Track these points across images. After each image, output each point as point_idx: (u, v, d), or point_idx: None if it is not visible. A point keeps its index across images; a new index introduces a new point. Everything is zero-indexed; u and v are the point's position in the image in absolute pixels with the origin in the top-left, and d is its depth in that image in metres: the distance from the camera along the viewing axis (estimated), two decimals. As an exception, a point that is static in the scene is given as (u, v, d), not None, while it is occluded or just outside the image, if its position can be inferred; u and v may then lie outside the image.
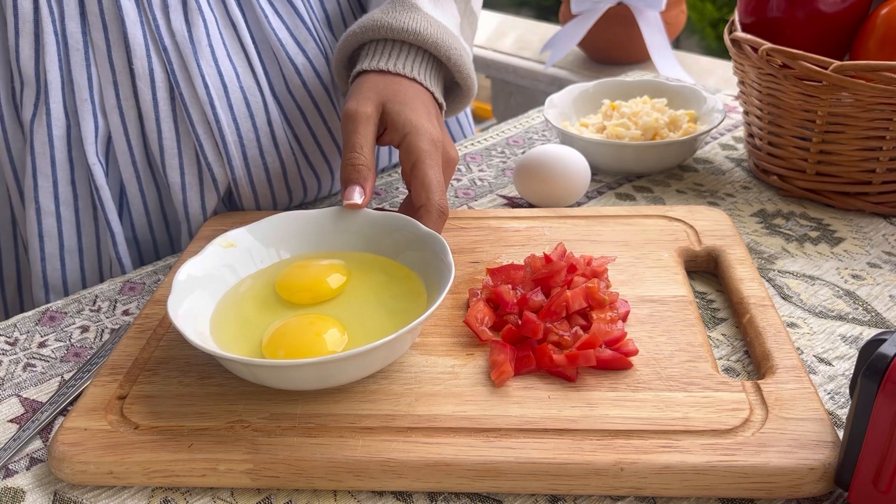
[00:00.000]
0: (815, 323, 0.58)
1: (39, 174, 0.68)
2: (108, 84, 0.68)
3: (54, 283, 0.71)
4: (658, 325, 0.55)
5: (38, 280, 0.71)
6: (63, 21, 0.66)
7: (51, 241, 0.70)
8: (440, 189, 0.60)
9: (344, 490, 0.47)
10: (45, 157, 0.68)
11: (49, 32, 0.65)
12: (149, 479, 0.47)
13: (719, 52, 2.64)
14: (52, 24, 0.65)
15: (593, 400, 0.48)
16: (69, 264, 0.71)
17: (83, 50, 0.67)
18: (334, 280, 0.56)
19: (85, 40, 0.67)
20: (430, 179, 0.59)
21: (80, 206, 0.70)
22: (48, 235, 0.70)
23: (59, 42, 0.66)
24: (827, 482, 0.44)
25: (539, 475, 0.45)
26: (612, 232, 0.65)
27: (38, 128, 0.67)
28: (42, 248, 0.70)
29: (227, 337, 0.52)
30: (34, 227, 0.69)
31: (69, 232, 0.70)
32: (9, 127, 0.69)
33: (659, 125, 0.80)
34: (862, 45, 0.70)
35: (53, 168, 0.68)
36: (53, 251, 0.70)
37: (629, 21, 1.67)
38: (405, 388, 0.50)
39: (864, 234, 0.68)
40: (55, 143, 0.68)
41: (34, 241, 0.70)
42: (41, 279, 0.71)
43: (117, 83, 0.68)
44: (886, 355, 0.39)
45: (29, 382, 0.56)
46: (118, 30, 0.66)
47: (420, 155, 0.60)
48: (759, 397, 0.48)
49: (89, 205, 0.71)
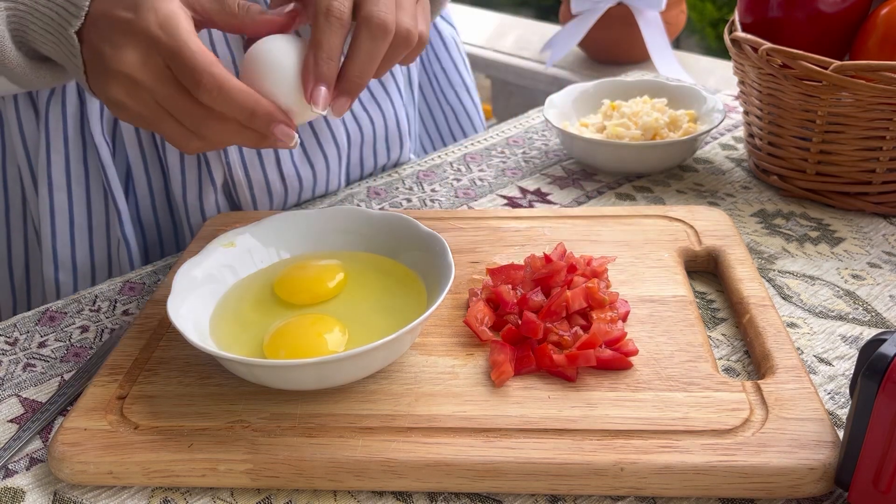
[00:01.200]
0: (816, 323, 0.58)
1: (53, 150, 0.69)
2: None
3: (63, 259, 0.72)
4: (658, 325, 0.55)
5: (49, 256, 0.72)
6: None
7: (62, 217, 0.71)
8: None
9: (344, 490, 0.47)
10: (58, 133, 0.69)
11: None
12: (149, 479, 0.47)
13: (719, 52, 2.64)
14: None
15: (593, 400, 0.48)
16: (78, 241, 0.72)
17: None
18: (332, 281, 0.56)
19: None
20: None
21: (91, 185, 0.72)
22: (59, 211, 0.71)
23: None
24: (827, 482, 0.44)
25: (539, 475, 0.45)
26: (612, 232, 0.65)
27: (53, 105, 0.69)
28: (53, 223, 0.71)
29: (226, 337, 0.52)
30: (46, 202, 0.70)
31: (79, 209, 0.72)
32: (21, 106, 0.70)
33: (659, 125, 0.80)
34: (862, 45, 0.70)
35: (66, 145, 0.70)
36: (64, 227, 0.71)
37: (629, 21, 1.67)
38: (405, 388, 0.50)
39: (864, 235, 0.68)
40: (68, 121, 0.69)
41: (45, 217, 0.71)
42: (51, 255, 0.72)
43: None
44: (886, 355, 0.39)
45: (29, 382, 0.56)
46: None
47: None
48: (759, 397, 0.48)
49: (100, 184, 0.72)
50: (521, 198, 0.77)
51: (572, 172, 0.81)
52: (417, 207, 0.76)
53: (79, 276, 0.73)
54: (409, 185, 0.80)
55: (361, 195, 0.79)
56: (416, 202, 0.77)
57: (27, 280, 0.77)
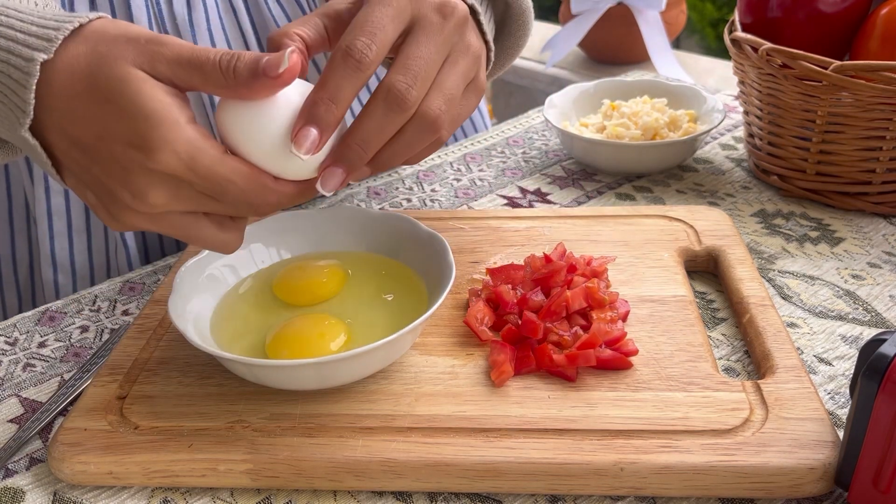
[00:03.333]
0: (816, 323, 0.58)
1: None
2: None
3: (62, 261, 0.72)
4: (658, 324, 0.54)
5: (47, 258, 0.72)
6: (73, 5, 0.67)
7: (59, 220, 0.71)
8: (375, 30, 0.44)
9: (344, 490, 0.47)
10: None
11: None
12: (149, 479, 0.47)
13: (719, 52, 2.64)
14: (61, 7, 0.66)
15: (593, 400, 0.48)
16: (77, 244, 0.72)
17: None
18: (332, 281, 0.56)
19: None
20: (367, 18, 0.44)
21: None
22: (57, 213, 0.70)
23: None
24: (827, 482, 0.44)
25: (539, 475, 0.45)
26: (612, 232, 0.65)
27: None
28: (51, 225, 0.71)
29: (227, 337, 0.52)
30: (43, 204, 0.70)
31: (77, 211, 0.71)
32: None
33: (659, 125, 0.80)
34: (862, 44, 0.70)
35: None
36: (62, 229, 0.71)
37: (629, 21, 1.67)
38: (405, 388, 0.50)
39: (864, 234, 0.68)
40: None
41: (43, 219, 0.70)
42: (49, 257, 0.71)
43: None
44: (886, 355, 0.39)
45: (29, 382, 0.56)
46: (125, 14, 0.67)
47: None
48: (759, 397, 0.48)
49: None
50: (521, 198, 0.77)
51: (572, 172, 0.81)
52: (417, 207, 0.76)
53: (77, 278, 0.73)
54: (409, 185, 0.80)
55: (361, 195, 0.79)
56: (416, 202, 0.77)
57: (31, 281, 0.77)
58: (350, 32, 0.44)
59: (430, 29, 0.46)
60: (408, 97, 0.44)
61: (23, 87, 0.42)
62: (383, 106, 0.44)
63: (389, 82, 0.44)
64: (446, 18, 0.46)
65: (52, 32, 0.43)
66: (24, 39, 0.43)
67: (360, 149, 0.45)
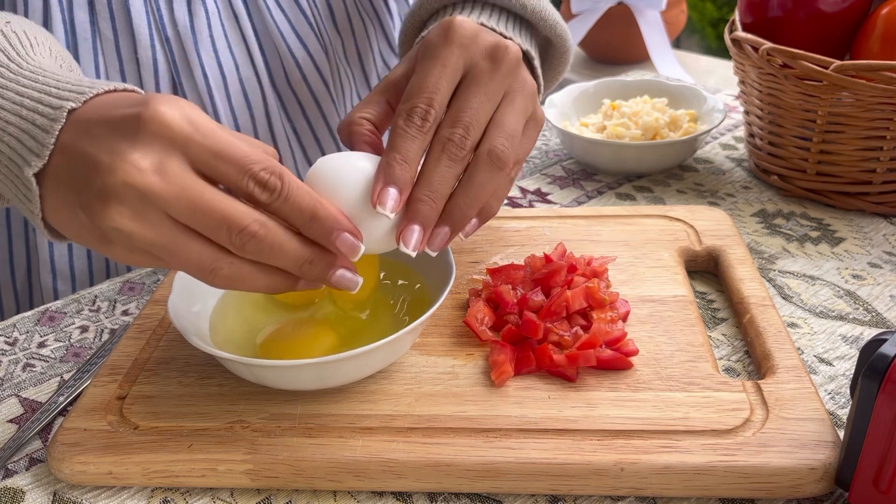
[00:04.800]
0: (816, 323, 0.58)
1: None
2: (115, 73, 0.68)
3: (61, 267, 0.71)
4: (658, 325, 0.54)
5: (46, 264, 0.71)
6: (72, 11, 0.66)
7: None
8: (432, 95, 0.46)
9: (344, 490, 0.47)
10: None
11: (58, 21, 0.66)
12: (148, 479, 0.47)
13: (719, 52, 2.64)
14: (60, 14, 0.66)
15: (593, 400, 0.48)
16: (76, 250, 0.72)
17: (91, 39, 0.67)
18: None
19: (93, 30, 0.67)
20: (423, 82, 0.47)
21: None
22: None
23: (67, 31, 0.66)
24: (827, 482, 0.44)
25: (539, 475, 0.45)
26: (612, 232, 0.65)
27: None
28: None
29: (226, 337, 0.52)
30: None
31: None
32: None
33: (659, 125, 0.80)
34: (862, 44, 0.70)
35: None
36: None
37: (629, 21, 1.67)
38: (405, 388, 0.50)
39: (864, 234, 0.68)
40: None
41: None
42: (49, 263, 0.71)
43: (124, 72, 0.68)
44: (887, 355, 0.39)
45: (28, 382, 0.56)
46: (125, 19, 0.67)
47: (431, 45, 0.48)
48: (759, 397, 0.48)
49: None
50: (521, 198, 0.77)
51: (572, 172, 0.81)
52: (417, 207, 0.76)
53: (77, 284, 0.73)
54: (409, 184, 0.80)
55: (361, 195, 0.79)
56: (416, 202, 0.77)
57: (29, 286, 0.77)
58: (408, 99, 0.46)
59: (480, 78, 0.48)
60: (464, 146, 0.46)
61: (45, 133, 0.42)
62: (444, 158, 0.46)
63: (445, 136, 0.46)
64: (498, 63, 0.48)
65: (85, 88, 0.44)
66: (57, 93, 0.44)
67: (429, 199, 0.46)
